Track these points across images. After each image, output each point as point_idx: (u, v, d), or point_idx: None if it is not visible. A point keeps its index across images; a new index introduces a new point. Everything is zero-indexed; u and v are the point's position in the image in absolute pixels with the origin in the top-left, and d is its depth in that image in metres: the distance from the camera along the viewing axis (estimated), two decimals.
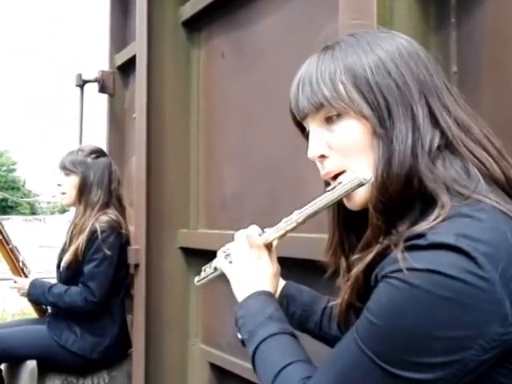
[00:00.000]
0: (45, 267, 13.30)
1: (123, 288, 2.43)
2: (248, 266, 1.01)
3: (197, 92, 2.29)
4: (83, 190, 2.43)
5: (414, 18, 1.23)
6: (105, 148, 3.01)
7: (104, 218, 2.38)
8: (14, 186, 47.61)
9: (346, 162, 0.82)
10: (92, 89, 3.02)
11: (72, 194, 2.45)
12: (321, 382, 0.75)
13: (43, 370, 2.30)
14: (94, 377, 2.35)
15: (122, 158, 2.97)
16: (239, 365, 1.95)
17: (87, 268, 2.32)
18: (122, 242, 2.39)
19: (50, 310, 2.56)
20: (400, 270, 0.67)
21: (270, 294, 0.97)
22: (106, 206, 2.43)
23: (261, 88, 1.90)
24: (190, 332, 2.28)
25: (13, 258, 2.52)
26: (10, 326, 2.53)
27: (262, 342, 0.88)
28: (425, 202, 0.74)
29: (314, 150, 0.85)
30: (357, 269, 0.80)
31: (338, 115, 0.81)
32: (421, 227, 0.69)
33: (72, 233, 2.43)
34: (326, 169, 0.85)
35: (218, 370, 2.13)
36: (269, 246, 1.05)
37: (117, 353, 2.40)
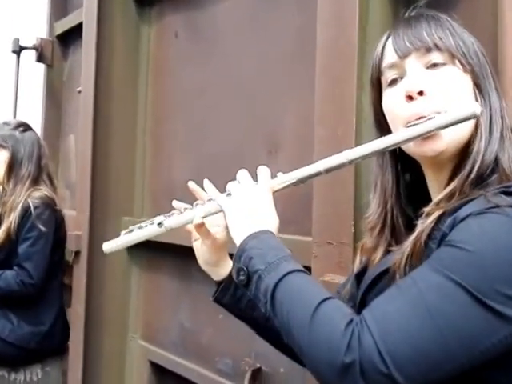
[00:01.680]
0: None
1: (60, 271, 2.22)
2: (257, 202, 0.90)
3: (146, 71, 2.13)
4: (13, 165, 2.20)
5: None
6: (40, 122, 2.79)
7: (37, 193, 2.17)
8: None
9: (444, 104, 0.80)
10: (28, 57, 2.77)
11: (0, 170, 2.22)
12: (388, 309, 0.68)
13: None
14: (26, 371, 2.13)
15: (58, 134, 2.75)
16: (183, 365, 1.84)
17: (22, 248, 2.09)
18: (57, 220, 2.19)
19: None
20: (496, 207, 0.69)
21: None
22: (35, 181, 2.22)
23: (219, 73, 1.78)
24: (129, 327, 2.13)
25: None
26: None
27: (289, 273, 0.77)
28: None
29: (414, 84, 0.81)
30: (432, 217, 0.75)
31: (444, 64, 0.82)
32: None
33: (1, 211, 2.22)
34: (418, 109, 0.81)
35: (158, 369, 2.01)
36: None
37: (54, 343, 2.20)
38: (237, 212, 0.90)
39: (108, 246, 1.09)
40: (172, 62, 2.00)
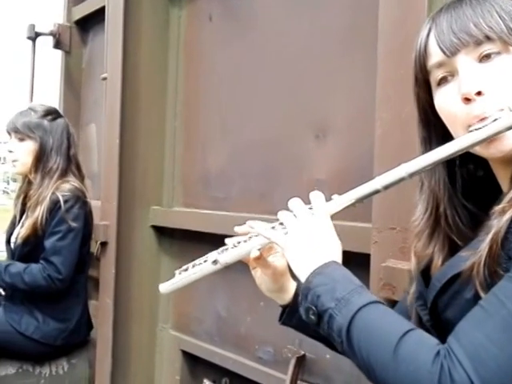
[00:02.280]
0: None
1: (87, 265, 2.18)
2: (316, 233, 0.85)
3: (176, 56, 2.08)
4: (41, 158, 2.12)
5: None
6: None
7: (66, 186, 2.09)
8: None
9: (505, 98, 0.75)
10: (46, 43, 2.72)
11: (27, 161, 2.13)
12: (477, 335, 0.63)
13: None
14: (52, 365, 2.09)
15: (77, 123, 2.69)
16: (219, 354, 1.82)
17: (49, 242, 2.02)
18: (86, 213, 2.12)
19: (2, 292, 2.27)
20: None
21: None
22: (64, 173, 2.14)
23: (259, 55, 1.74)
24: (159, 317, 2.10)
25: None
26: None
27: (362, 307, 0.73)
28: None
29: (470, 85, 0.75)
30: (508, 215, 0.69)
31: (498, 53, 0.76)
32: None
33: (26, 205, 2.15)
34: (478, 110, 0.75)
35: (191, 359, 1.98)
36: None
37: (80, 337, 2.16)
38: (297, 248, 0.85)
39: (164, 287, 1.07)
40: (205, 45, 1.95)
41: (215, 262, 0.98)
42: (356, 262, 1.05)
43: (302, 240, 0.85)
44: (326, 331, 0.76)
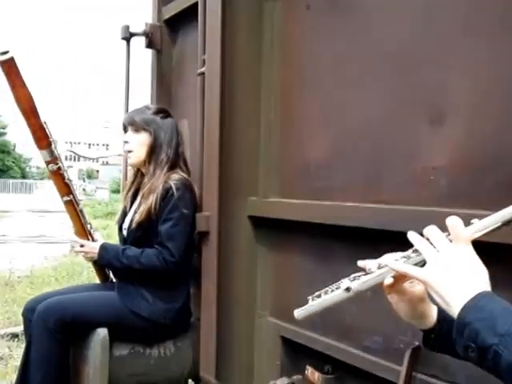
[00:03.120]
0: (36, 231, 13.26)
1: (194, 251, 2.29)
2: (460, 265, 0.83)
3: (271, 48, 2.10)
4: (154, 149, 2.31)
5: None
6: None
7: (176, 176, 2.28)
8: (4, 150, 46.71)
9: None
10: (138, 43, 2.82)
11: (141, 152, 2.33)
12: None
13: (110, 339, 2.15)
14: (160, 347, 2.23)
15: None
16: (322, 342, 1.83)
17: (164, 228, 2.21)
18: (195, 202, 2.28)
19: (113, 278, 2.43)
20: None
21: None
22: (173, 166, 2.32)
23: (360, 40, 1.71)
24: (257, 304, 2.15)
25: (82, 220, 2.37)
26: (74, 292, 2.39)
27: None
28: None
29: None
30: None
31: None
32: None
33: (136, 196, 2.33)
34: None
35: (291, 346, 2.01)
36: None
37: (185, 319, 2.29)
38: (441, 282, 0.83)
39: (298, 313, 1.11)
40: (302, 36, 1.96)
41: (348, 289, 1.01)
42: None
43: (445, 273, 0.82)
44: (492, 368, 0.73)
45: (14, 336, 4.38)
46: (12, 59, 2.09)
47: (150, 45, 2.77)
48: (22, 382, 2.14)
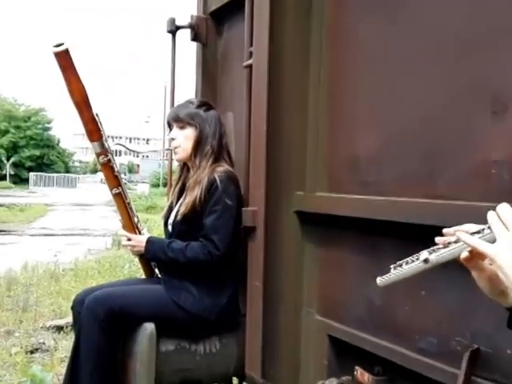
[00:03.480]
0: (79, 225, 13.59)
1: (239, 245, 2.25)
2: None
3: (319, 37, 2.05)
4: (199, 142, 2.31)
5: None
6: None
7: (220, 168, 2.27)
8: (49, 145, 47.80)
9: None
10: (183, 36, 2.80)
11: (188, 146, 2.33)
12: None
13: (156, 334, 2.13)
14: (205, 343, 2.21)
15: None
16: (372, 342, 1.77)
17: (208, 220, 2.19)
18: (239, 195, 2.26)
19: (157, 271, 2.43)
20: None
21: None
22: (217, 159, 2.32)
23: (412, 28, 1.64)
24: (303, 302, 2.11)
25: (130, 213, 2.38)
26: (120, 285, 2.40)
27: None
28: None
29: None
30: None
31: None
32: None
33: (183, 191, 2.34)
34: None
35: (339, 345, 1.96)
36: None
37: (231, 316, 2.26)
38: (506, 258, 0.85)
39: (381, 281, 1.17)
40: (353, 24, 1.90)
41: (426, 260, 1.02)
42: None
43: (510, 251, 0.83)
44: None
45: (59, 328, 4.45)
46: (67, 51, 2.09)
47: (195, 37, 2.74)
48: (72, 373, 2.15)
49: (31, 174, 38.99)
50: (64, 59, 2.09)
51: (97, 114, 2.26)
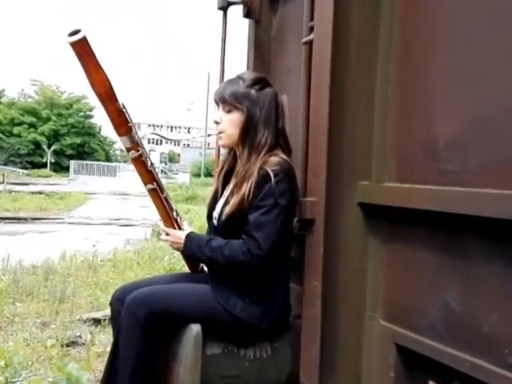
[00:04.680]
0: (118, 214, 13.74)
1: (290, 244, 2.04)
2: None
3: (390, 8, 1.83)
4: (248, 130, 2.01)
5: None
6: None
7: (274, 159, 1.97)
8: (90, 133, 48.22)
9: None
10: (234, 13, 2.60)
11: (233, 133, 2.04)
12: None
13: (202, 336, 1.96)
14: (256, 348, 1.99)
15: None
16: (450, 354, 1.55)
17: (253, 216, 1.92)
18: (294, 188, 1.97)
19: (205, 269, 2.23)
20: None
21: None
22: (272, 148, 2.02)
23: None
24: (367, 305, 1.89)
25: (167, 207, 2.17)
26: (163, 281, 2.21)
27: None
28: None
29: None
30: None
31: None
32: None
33: (230, 178, 2.11)
34: None
35: (407, 355, 1.74)
36: None
37: (283, 320, 2.04)
38: None
39: None
40: None
41: None
42: None
43: None
44: None
45: (97, 321, 4.33)
46: (84, 39, 1.85)
47: (248, 14, 2.54)
48: (110, 375, 1.99)
49: (72, 161, 39.45)
50: (82, 48, 1.85)
51: (123, 106, 2.02)
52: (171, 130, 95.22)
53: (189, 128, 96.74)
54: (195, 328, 1.93)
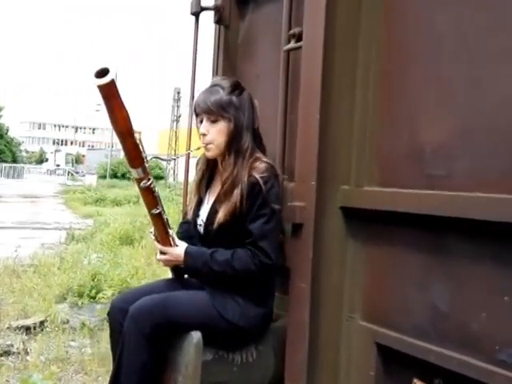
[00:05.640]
0: (29, 217, 13.04)
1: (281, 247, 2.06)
2: None
3: (373, 16, 1.89)
4: (234, 138, 2.01)
5: None
6: None
7: (261, 165, 1.98)
8: None
9: None
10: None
11: (221, 142, 2.02)
12: None
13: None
14: (242, 352, 1.99)
15: None
16: (436, 352, 1.62)
17: (256, 226, 1.93)
18: (281, 193, 2.02)
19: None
20: None
21: None
22: (253, 150, 2.03)
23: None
24: (343, 306, 1.94)
25: (167, 229, 2.08)
26: (160, 288, 2.13)
27: None
28: None
29: None
30: None
31: None
32: None
33: (210, 186, 2.10)
34: None
35: (389, 354, 1.81)
36: None
37: (268, 323, 2.06)
38: None
39: None
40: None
41: None
42: None
43: None
44: None
45: (27, 329, 4.12)
46: (112, 82, 1.79)
47: (219, 20, 2.54)
48: None
49: None
50: (109, 90, 1.80)
51: (139, 139, 1.94)
52: (76, 131, 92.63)
53: (93, 129, 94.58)
54: (196, 336, 1.90)
